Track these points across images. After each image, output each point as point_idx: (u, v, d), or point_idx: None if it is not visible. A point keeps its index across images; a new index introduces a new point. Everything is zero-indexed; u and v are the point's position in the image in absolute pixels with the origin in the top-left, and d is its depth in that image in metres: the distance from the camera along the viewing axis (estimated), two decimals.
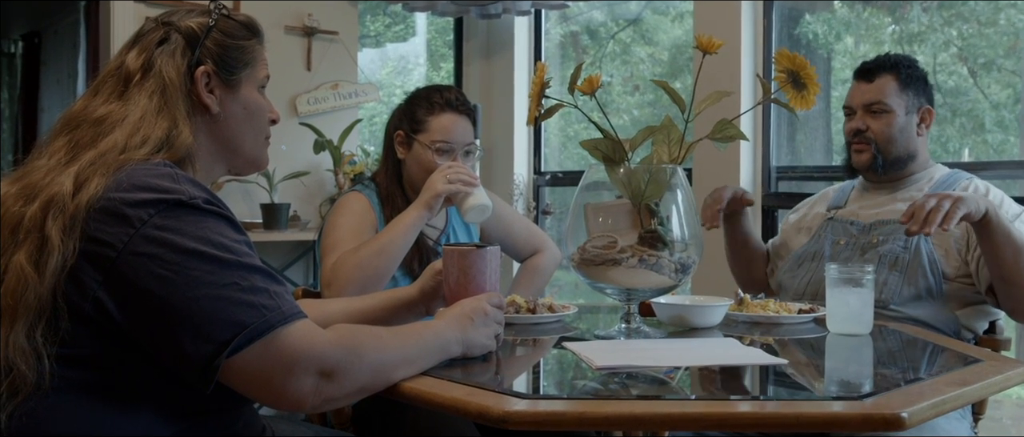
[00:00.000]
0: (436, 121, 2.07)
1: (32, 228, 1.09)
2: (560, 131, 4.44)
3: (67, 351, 1.08)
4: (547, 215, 4.11)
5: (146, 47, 1.26)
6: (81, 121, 1.21)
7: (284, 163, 3.72)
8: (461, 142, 2.08)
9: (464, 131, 2.09)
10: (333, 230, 2.01)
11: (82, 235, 1.08)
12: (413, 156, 2.09)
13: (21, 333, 1.06)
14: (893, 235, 2.00)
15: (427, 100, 2.10)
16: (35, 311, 1.06)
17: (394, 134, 2.12)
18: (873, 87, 2.09)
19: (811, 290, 2.04)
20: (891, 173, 2.10)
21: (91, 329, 1.08)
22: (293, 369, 1.10)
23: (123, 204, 1.09)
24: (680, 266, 1.50)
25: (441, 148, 2.05)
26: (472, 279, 1.44)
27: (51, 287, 1.07)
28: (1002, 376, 1.29)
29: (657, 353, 1.41)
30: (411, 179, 2.10)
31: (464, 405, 1.11)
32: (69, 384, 1.08)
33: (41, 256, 1.07)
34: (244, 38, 1.32)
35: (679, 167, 1.53)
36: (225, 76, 1.29)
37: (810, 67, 1.50)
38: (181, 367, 1.09)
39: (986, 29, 3.21)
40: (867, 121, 2.08)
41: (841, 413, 1.08)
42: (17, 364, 1.05)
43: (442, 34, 5.02)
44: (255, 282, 1.10)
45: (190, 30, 1.27)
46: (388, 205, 2.08)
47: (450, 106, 2.09)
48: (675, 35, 4.26)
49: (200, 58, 1.27)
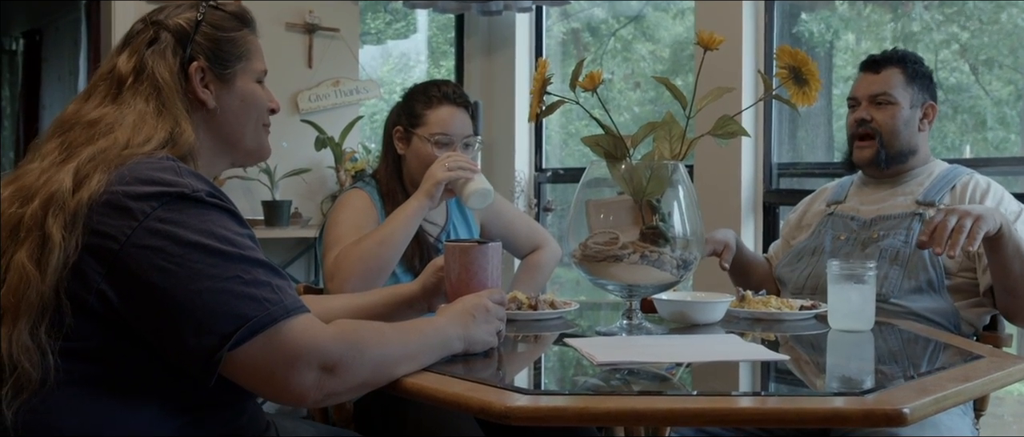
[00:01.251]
0: (434, 114, 2.08)
1: (33, 226, 1.09)
2: (561, 128, 4.44)
3: (71, 345, 1.08)
4: (548, 212, 4.11)
5: (136, 49, 1.26)
6: (74, 123, 1.21)
7: (285, 160, 3.72)
8: (459, 134, 2.09)
9: (462, 123, 2.10)
10: (335, 226, 2.01)
11: (85, 230, 1.08)
12: (413, 150, 2.09)
13: (24, 331, 1.06)
14: (894, 230, 2.00)
15: (424, 94, 2.11)
16: (38, 309, 1.06)
17: (393, 130, 2.13)
18: (879, 78, 2.09)
19: (810, 284, 2.04)
20: (892, 167, 2.10)
21: (95, 322, 1.09)
22: (295, 363, 1.10)
23: (126, 197, 1.09)
24: (682, 262, 1.50)
25: (440, 141, 2.06)
26: (474, 275, 1.44)
27: (53, 284, 1.06)
28: (1004, 372, 1.29)
29: (659, 349, 1.42)
30: (411, 174, 2.11)
31: (466, 401, 1.11)
32: (73, 378, 1.08)
33: (42, 254, 1.07)
34: (234, 29, 1.31)
35: (681, 163, 1.53)
36: (218, 70, 1.28)
37: (812, 63, 1.50)
38: (183, 360, 1.09)
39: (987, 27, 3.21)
40: (872, 112, 2.09)
41: (842, 409, 1.08)
42: (21, 362, 1.05)
43: (443, 31, 5.02)
44: (258, 275, 1.10)
45: (179, 27, 1.26)
46: (389, 201, 2.09)
47: (447, 99, 2.10)
48: (676, 32, 4.26)
49: (192, 54, 1.26)
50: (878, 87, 2.09)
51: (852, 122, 2.13)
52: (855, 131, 2.12)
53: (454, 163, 1.93)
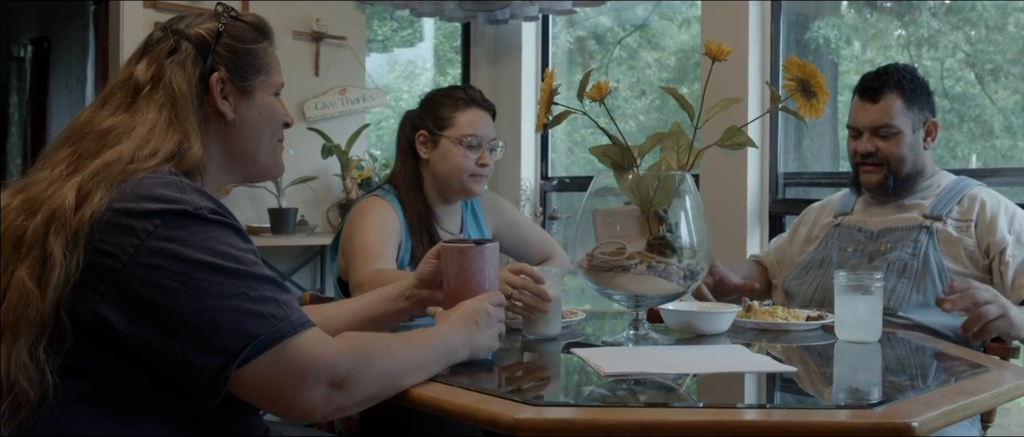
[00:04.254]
0: (463, 116, 2.09)
1: (34, 243, 1.07)
2: (567, 136, 4.44)
3: (70, 362, 1.06)
4: (554, 220, 4.11)
5: (156, 58, 1.24)
6: (86, 132, 1.19)
7: (292, 168, 3.72)
8: (487, 136, 2.11)
9: (489, 126, 2.12)
10: (360, 231, 1.99)
11: (86, 248, 1.06)
12: (440, 153, 2.09)
13: (23, 350, 1.04)
14: (901, 242, 1.99)
15: (450, 97, 2.11)
16: (37, 327, 1.04)
17: (415, 136, 2.12)
18: (879, 108, 2.05)
19: (818, 297, 2.03)
20: (900, 190, 2.08)
21: (96, 340, 1.07)
22: (304, 379, 1.09)
23: (127, 214, 1.07)
24: (688, 273, 1.50)
25: (470, 143, 2.07)
26: (472, 276, 1.41)
27: (53, 303, 1.05)
28: (1013, 385, 1.28)
29: (665, 360, 1.41)
30: (436, 177, 2.11)
31: (474, 412, 1.11)
32: (72, 395, 1.07)
33: (43, 272, 1.05)
34: (255, 41, 1.30)
35: (688, 174, 1.53)
36: (239, 82, 1.27)
37: (820, 75, 1.50)
38: (189, 378, 1.08)
39: (994, 34, 3.21)
40: (876, 143, 2.05)
41: (850, 422, 1.07)
42: (19, 381, 1.03)
43: (450, 39, 5.03)
44: (263, 292, 1.09)
45: (201, 37, 1.25)
46: (410, 209, 2.08)
47: (475, 102, 2.12)
48: (682, 40, 4.26)
49: (213, 65, 1.24)
50: (879, 118, 2.04)
51: (856, 153, 2.09)
52: (860, 160, 2.09)
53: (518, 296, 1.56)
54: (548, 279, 1.59)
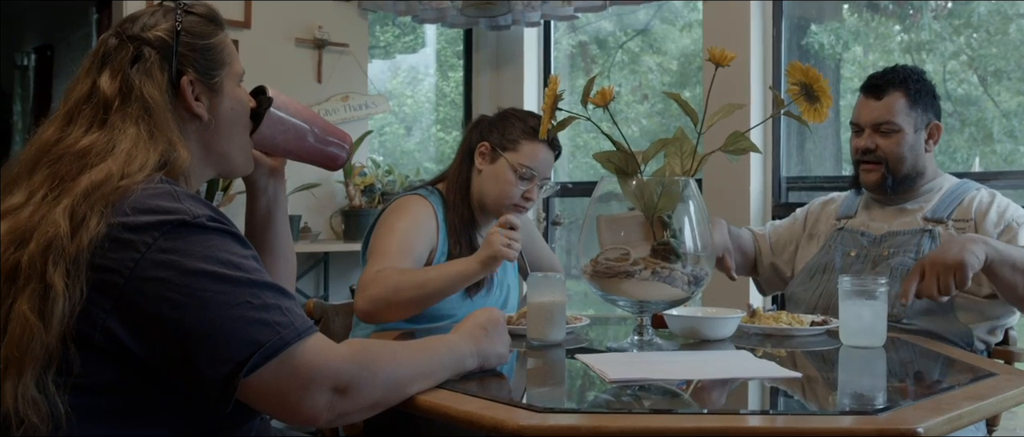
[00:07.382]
0: (530, 146, 2.05)
1: (32, 275, 1.03)
2: (569, 141, 4.45)
3: (78, 381, 1.05)
4: (557, 226, 4.11)
5: (119, 68, 1.19)
6: (62, 153, 1.13)
7: (295, 175, 3.72)
8: (542, 173, 2.07)
9: (548, 165, 2.08)
10: (390, 232, 1.96)
11: (87, 269, 1.04)
12: (493, 170, 2.06)
13: (30, 384, 1.00)
14: (904, 247, 1.99)
15: (525, 123, 2.07)
16: (43, 360, 1.01)
17: (478, 144, 2.09)
18: (882, 105, 2.05)
19: (823, 303, 2.03)
20: (900, 191, 2.08)
21: (102, 357, 1.06)
22: (309, 386, 1.09)
23: (126, 229, 1.06)
24: (693, 278, 1.50)
25: (524, 174, 2.04)
26: (289, 130, 1.39)
27: (59, 334, 1.02)
28: (1019, 390, 1.28)
29: (670, 366, 1.41)
30: (481, 191, 2.08)
31: (478, 418, 1.12)
32: (79, 412, 1.05)
33: (45, 304, 1.02)
34: (213, 34, 1.26)
35: (691, 179, 1.53)
36: (207, 80, 1.24)
37: (823, 80, 1.50)
38: (198, 388, 1.07)
39: (996, 38, 3.21)
40: (876, 140, 2.05)
41: (855, 428, 1.07)
42: (28, 416, 1.00)
43: (452, 45, 5.03)
44: (266, 299, 1.09)
45: (161, 41, 1.21)
46: (453, 213, 2.06)
47: (546, 137, 2.08)
48: (683, 44, 4.26)
49: (180, 68, 1.21)
50: (881, 115, 2.04)
51: (856, 150, 2.10)
52: (860, 159, 2.10)
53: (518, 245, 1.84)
54: (550, 285, 1.61)
